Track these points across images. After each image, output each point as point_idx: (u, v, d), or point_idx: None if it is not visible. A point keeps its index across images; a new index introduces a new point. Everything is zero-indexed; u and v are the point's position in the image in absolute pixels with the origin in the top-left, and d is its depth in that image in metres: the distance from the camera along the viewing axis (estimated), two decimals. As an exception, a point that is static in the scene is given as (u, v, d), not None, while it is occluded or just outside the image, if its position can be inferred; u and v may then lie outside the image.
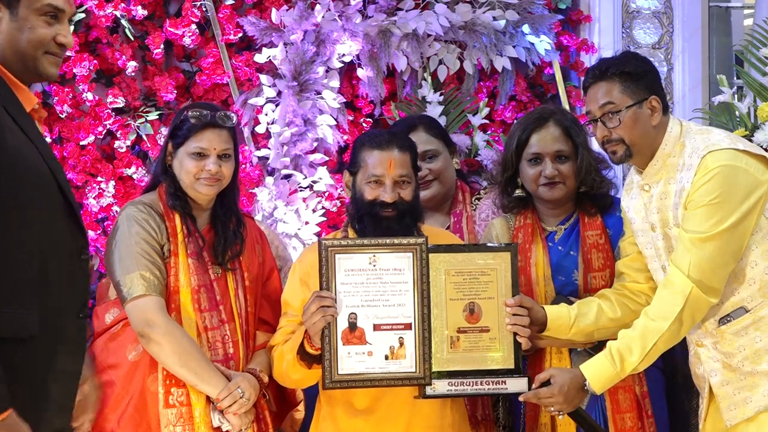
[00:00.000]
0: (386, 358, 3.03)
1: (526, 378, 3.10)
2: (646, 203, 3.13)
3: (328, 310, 2.97)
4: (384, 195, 3.15)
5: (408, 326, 3.04)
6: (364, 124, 5.10)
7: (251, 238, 3.39)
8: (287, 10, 4.92)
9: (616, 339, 3.08)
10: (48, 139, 4.67)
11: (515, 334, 3.10)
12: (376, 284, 3.04)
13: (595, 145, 3.29)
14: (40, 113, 2.66)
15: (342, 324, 3.02)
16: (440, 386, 3.06)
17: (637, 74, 3.06)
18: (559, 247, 3.41)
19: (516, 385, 3.10)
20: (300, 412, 3.48)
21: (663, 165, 3.07)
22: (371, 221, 3.16)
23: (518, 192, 3.46)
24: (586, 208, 3.42)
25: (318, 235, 4.81)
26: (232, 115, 3.29)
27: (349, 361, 3.01)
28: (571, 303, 3.25)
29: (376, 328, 3.03)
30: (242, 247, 3.31)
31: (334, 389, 3.06)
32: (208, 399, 3.15)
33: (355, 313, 3.03)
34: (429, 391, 3.05)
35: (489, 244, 3.37)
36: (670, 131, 3.07)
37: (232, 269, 3.28)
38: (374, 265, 3.04)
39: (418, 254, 3.05)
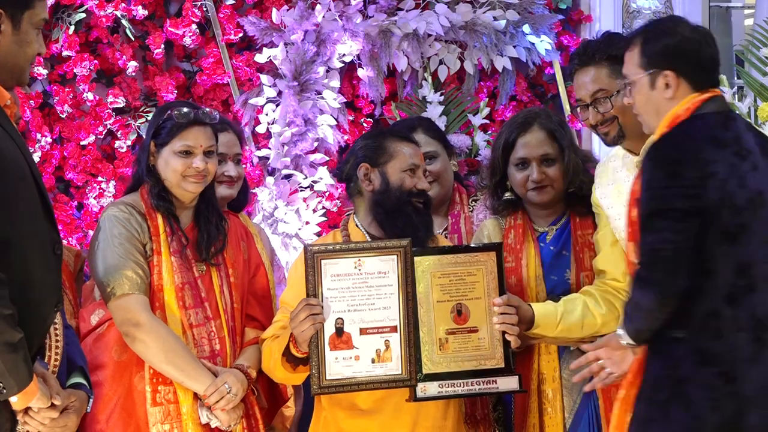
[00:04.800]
0: (373, 361, 3.04)
1: (517, 376, 3.10)
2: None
3: (317, 317, 2.98)
4: (420, 183, 3.22)
5: (394, 329, 3.05)
6: (365, 124, 5.11)
7: (236, 235, 3.40)
8: (288, 10, 4.93)
9: (603, 335, 3.11)
10: (48, 139, 4.69)
11: (504, 333, 3.10)
12: (362, 288, 3.04)
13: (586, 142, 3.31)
14: (12, 109, 2.66)
15: (329, 329, 3.02)
16: (431, 388, 3.05)
17: (619, 57, 3.05)
18: (551, 247, 3.40)
19: (507, 383, 3.10)
20: (290, 408, 3.49)
21: None
22: (415, 212, 3.19)
23: (508, 195, 3.46)
24: (577, 208, 3.42)
25: (318, 234, 4.81)
26: (215, 112, 3.30)
27: (337, 366, 3.02)
28: None
29: (363, 332, 3.04)
30: (225, 241, 3.31)
31: (322, 394, 3.08)
32: (196, 396, 3.15)
33: (341, 318, 3.03)
34: (420, 393, 3.05)
35: (473, 245, 3.36)
36: None
37: (216, 265, 3.28)
38: (360, 269, 3.04)
39: (402, 256, 3.05)
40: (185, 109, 3.23)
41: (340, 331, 3.03)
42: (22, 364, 2.47)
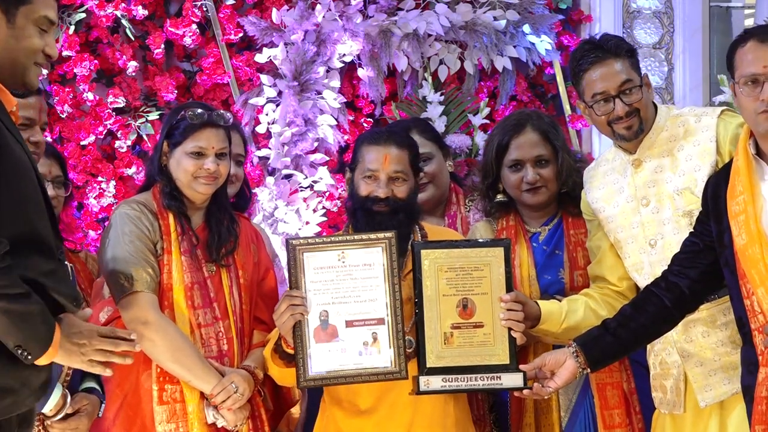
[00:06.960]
0: (360, 354, 3.02)
1: (522, 373, 3.08)
2: (636, 179, 3.18)
3: (297, 308, 2.98)
4: (378, 190, 3.16)
5: (381, 321, 3.03)
6: (365, 124, 5.11)
7: (246, 238, 3.40)
8: (288, 10, 4.93)
9: None
10: (48, 139, 4.69)
11: (510, 329, 3.09)
12: (346, 281, 3.03)
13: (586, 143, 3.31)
14: (17, 115, 2.65)
15: (314, 322, 3.01)
16: (434, 382, 3.03)
17: (634, 51, 3.18)
18: (544, 247, 3.41)
19: (511, 380, 3.07)
20: (297, 410, 3.48)
21: (656, 139, 3.14)
22: (364, 216, 3.17)
23: (500, 197, 3.46)
24: (569, 208, 3.43)
25: (319, 235, 4.81)
26: (228, 114, 3.31)
27: (322, 358, 3.01)
28: (558, 301, 3.25)
29: (349, 324, 3.02)
30: (236, 243, 3.32)
31: (308, 387, 3.08)
32: (202, 395, 3.16)
33: (326, 311, 3.02)
34: (423, 386, 3.03)
35: (481, 240, 3.35)
36: (660, 108, 3.19)
37: (226, 266, 3.29)
38: (343, 262, 3.03)
39: (387, 248, 3.04)
40: (199, 110, 3.24)
41: (324, 323, 3.02)
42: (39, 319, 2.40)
